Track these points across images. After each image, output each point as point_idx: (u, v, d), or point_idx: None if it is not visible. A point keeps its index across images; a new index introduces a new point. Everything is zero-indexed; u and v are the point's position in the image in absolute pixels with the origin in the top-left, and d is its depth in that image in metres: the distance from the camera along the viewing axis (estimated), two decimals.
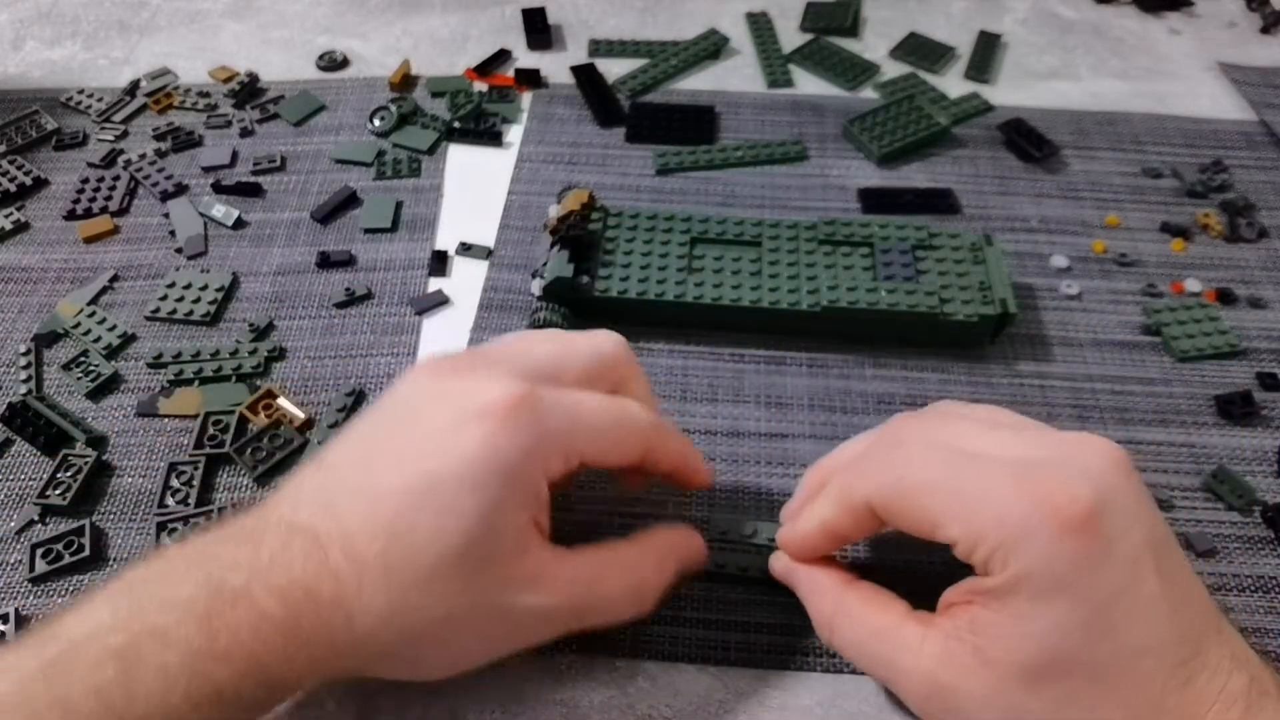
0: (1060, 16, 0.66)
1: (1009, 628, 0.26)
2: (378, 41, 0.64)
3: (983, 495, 0.27)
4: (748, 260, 0.45)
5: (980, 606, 0.27)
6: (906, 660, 0.28)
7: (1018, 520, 0.26)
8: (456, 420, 0.28)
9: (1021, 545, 0.26)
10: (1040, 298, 0.47)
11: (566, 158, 0.55)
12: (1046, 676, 0.26)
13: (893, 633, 0.29)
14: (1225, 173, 0.53)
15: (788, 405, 0.42)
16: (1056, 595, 0.26)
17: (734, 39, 0.64)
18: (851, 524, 0.30)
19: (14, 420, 0.41)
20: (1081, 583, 0.25)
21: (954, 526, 0.27)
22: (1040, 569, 0.26)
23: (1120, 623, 0.26)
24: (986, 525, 0.26)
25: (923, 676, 0.28)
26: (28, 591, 0.36)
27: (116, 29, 0.65)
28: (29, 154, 0.55)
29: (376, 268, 0.49)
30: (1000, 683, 0.26)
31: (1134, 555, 0.26)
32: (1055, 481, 0.26)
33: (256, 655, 0.26)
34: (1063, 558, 0.25)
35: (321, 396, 0.43)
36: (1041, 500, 0.26)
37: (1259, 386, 0.43)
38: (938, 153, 0.55)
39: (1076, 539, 0.25)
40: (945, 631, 0.28)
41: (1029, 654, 0.26)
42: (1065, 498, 0.26)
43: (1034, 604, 0.26)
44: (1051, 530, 0.25)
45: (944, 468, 0.28)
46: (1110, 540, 0.26)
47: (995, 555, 0.26)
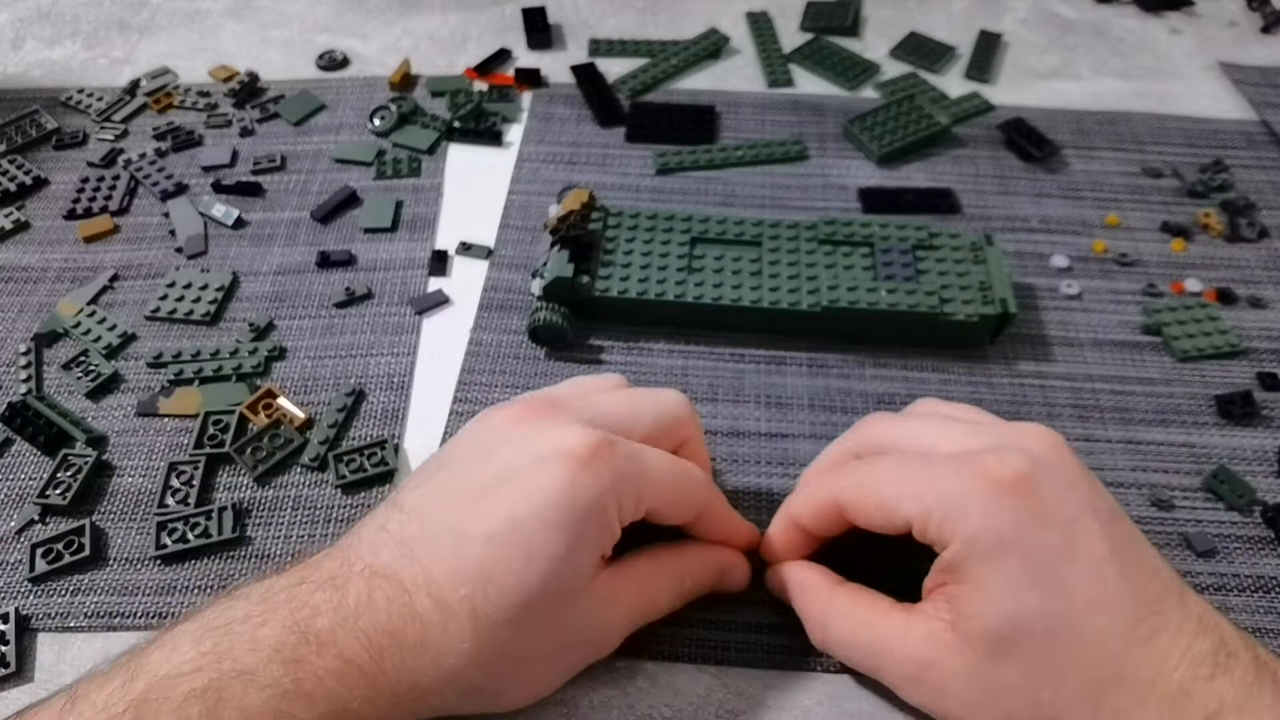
0: (1061, 16, 0.66)
1: (970, 595, 0.28)
2: (378, 41, 0.63)
3: (929, 478, 0.30)
4: (748, 260, 0.45)
5: (950, 584, 0.29)
6: (894, 646, 0.30)
7: (958, 490, 0.28)
8: (537, 463, 0.29)
9: (963, 510, 0.28)
10: (1040, 298, 0.47)
11: (566, 157, 0.55)
12: (1010, 640, 0.27)
13: (880, 622, 0.31)
14: (1226, 172, 0.53)
15: (788, 405, 0.42)
16: (1001, 554, 0.28)
17: (734, 38, 0.64)
18: (821, 522, 0.33)
19: (14, 420, 0.41)
20: (1023, 539, 0.27)
21: (907, 508, 0.29)
22: (983, 528, 0.28)
23: (1068, 579, 0.27)
24: (932, 501, 0.29)
25: (910, 660, 0.30)
26: (28, 591, 0.36)
27: (116, 28, 0.65)
28: (29, 153, 0.55)
29: (376, 267, 0.49)
30: (977, 656, 0.28)
31: (1073, 516, 0.28)
32: (993, 455, 0.29)
33: (340, 698, 0.27)
34: (1000, 516, 0.28)
35: (321, 396, 0.43)
36: (977, 470, 0.28)
37: (1259, 386, 0.43)
38: (938, 152, 0.55)
39: (1011, 497, 0.28)
40: (926, 614, 0.30)
41: (990, 617, 0.28)
42: (998, 465, 0.28)
43: (984, 567, 0.28)
44: (988, 492, 0.28)
45: (896, 464, 0.31)
46: (1046, 502, 0.28)
47: (944, 527, 0.28)
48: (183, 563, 0.37)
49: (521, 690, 0.31)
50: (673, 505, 0.32)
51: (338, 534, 0.37)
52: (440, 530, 0.29)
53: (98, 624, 0.35)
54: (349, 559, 0.29)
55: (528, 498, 0.29)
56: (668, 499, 0.32)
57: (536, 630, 0.29)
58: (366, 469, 0.40)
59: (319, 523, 0.38)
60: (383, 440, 0.40)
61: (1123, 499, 0.39)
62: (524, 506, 0.29)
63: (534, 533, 0.28)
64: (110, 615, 0.35)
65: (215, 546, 0.37)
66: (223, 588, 0.36)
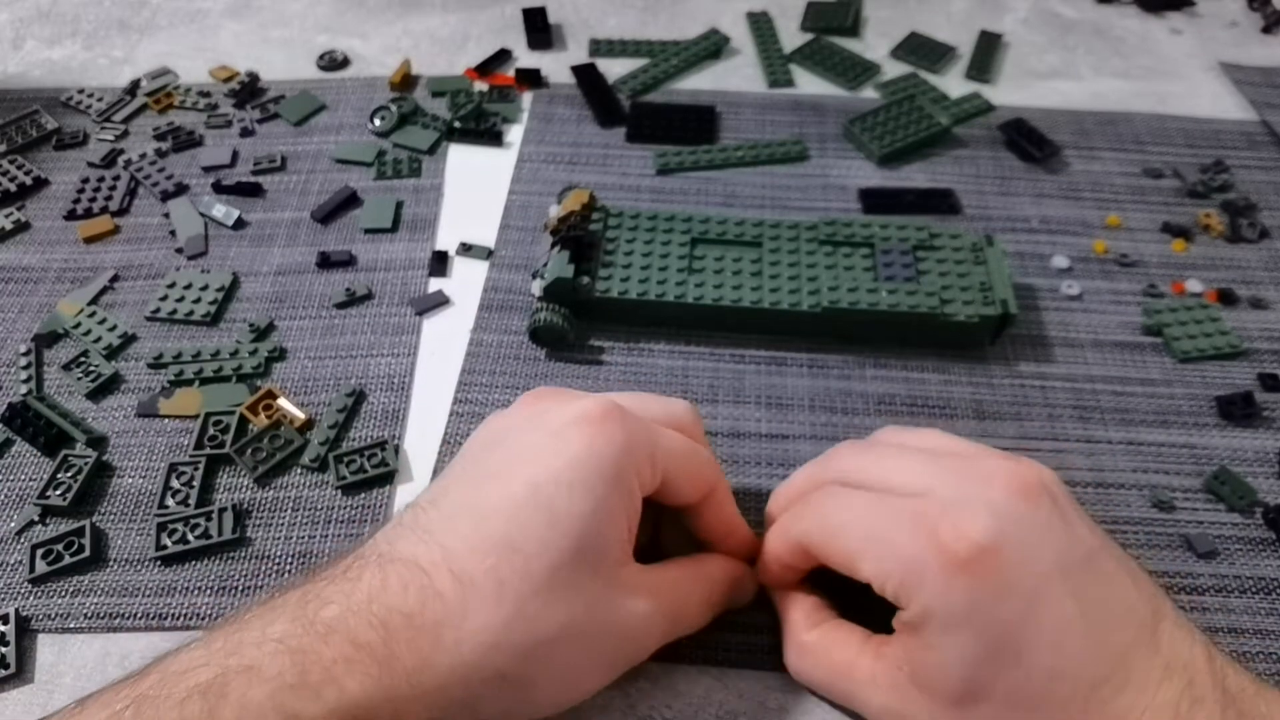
0: (1061, 16, 0.66)
1: (928, 657, 0.28)
2: (378, 41, 0.63)
3: (886, 536, 0.28)
4: (748, 261, 0.45)
5: (908, 637, 0.29)
6: (867, 694, 0.30)
7: (913, 559, 0.27)
8: (553, 431, 0.29)
9: (919, 583, 0.27)
10: (1041, 298, 0.47)
11: (567, 158, 0.55)
12: (967, 701, 0.27)
13: (850, 668, 0.30)
14: (1226, 173, 0.53)
15: (788, 406, 0.42)
16: (957, 629, 0.27)
17: (734, 39, 0.64)
18: (793, 559, 0.32)
19: (14, 420, 0.41)
20: (978, 616, 0.26)
21: (866, 567, 0.29)
22: (935, 605, 0.27)
23: (1026, 650, 0.26)
24: (890, 565, 0.28)
25: (882, 709, 0.30)
26: (28, 592, 0.36)
27: (116, 28, 0.65)
28: (29, 154, 0.55)
29: (377, 268, 0.49)
30: (938, 708, 0.28)
31: (1036, 584, 0.26)
32: (947, 521, 0.27)
33: (349, 691, 0.25)
34: (954, 594, 0.26)
35: (322, 397, 0.43)
36: (932, 540, 0.27)
37: (1260, 387, 0.43)
38: (938, 153, 0.55)
39: (966, 575, 0.26)
40: (889, 662, 0.29)
41: (949, 682, 0.27)
42: (953, 536, 0.27)
43: (940, 637, 0.27)
44: (942, 569, 0.27)
45: (856, 510, 0.30)
46: (1007, 571, 0.26)
47: (901, 592, 0.28)
48: (183, 564, 0.37)
49: (554, 686, 0.28)
50: (686, 477, 0.31)
51: (338, 534, 0.38)
52: (457, 509, 0.28)
53: (98, 625, 0.35)
54: (363, 552, 0.28)
55: (548, 462, 0.28)
56: (680, 469, 0.31)
57: (568, 604, 0.27)
58: (367, 470, 0.39)
59: (319, 523, 0.38)
60: (383, 441, 0.40)
61: (1123, 500, 0.39)
62: (544, 470, 0.28)
63: (557, 495, 0.27)
64: (110, 616, 0.35)
65: (215, 547, 0.37)
66: (223, 589, 0.36)
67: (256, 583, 0.36)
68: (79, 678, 0.34)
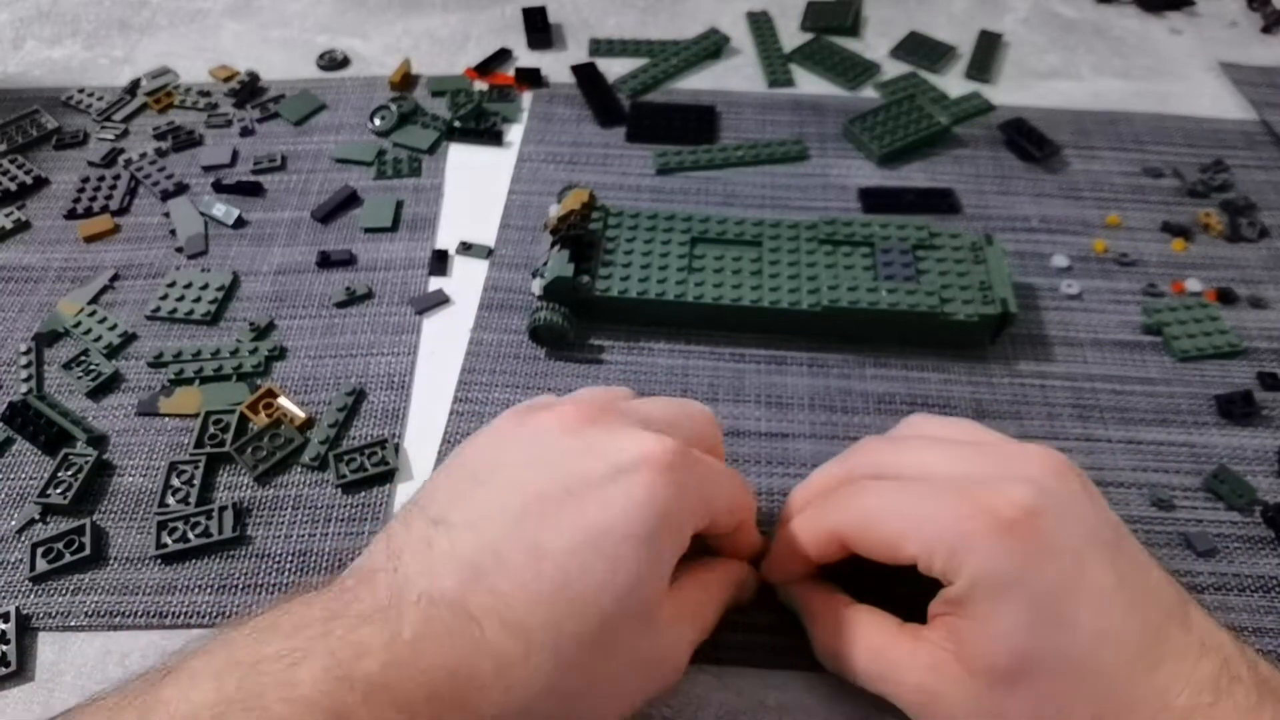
0: (1061, 16, 0.66)
1: (976, 631, 0.28)
2: (378, 41, 0.64)
3: (930, 513, 0.29)
4: (748, 260, 0.45)
5: (952, 616, 0.29)
6: (902, 676, 0.30)
7: (961, 529, 0.28)
8: (616, 472, 0.28)
9: (967, 551, 0.27)
10: (1041, 297, 0.47)
11: (567, 157, 0.55)
12: (1017, 674, 0.27)
13: (888, 651, 0.30)
14: (1226, 172, 0.53)
15: (788, 405, 0.42)
16: (1006, 592, 0.27)
17: (734, 38, 0.64)
18: (824, 552, 0.32)
19: (14, 419, 0.41)
20: (1027, 578, 0.27)
21: (910, 545, 0.29)
22: (987, 569, 0.27)
23: (1072, 614, 0.27)
24: (935, 539, 0.28)
25: (916, 688, 0.29)
26: (28, 590, 0.36)
27: (117, 28, 0.65)
28: (29, 153, 0.55)
29: (377, 267, 0.49)
30: (981, 687, 0.28)
31: (1077, 550, 0.27)
32: (992, 489, 0.28)
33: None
34: (1004, 556, 0.27)
35: (322, 396, 0.43)
36: (980, 508, 0.28)
37: (1260, 386, 0.43)
38: (938, 152, 0.55)
39: (1014, 537, 0.27)
40: (931, 643, 0.29)
41: (996, 655, 0.27)
42: (1001, 502, 0.28)
43: (990, 605, 0.27)
44: (990, 532, 0.27)
45: (896, 495, 0.30)
46: (1051, 536, 0.27)
47: (949, 564, 0.28)
48: (183, 562, 0.37)
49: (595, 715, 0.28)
50: (729, 514, 0.31)
51: (338, 532, 0.38)
52: (508, 547, 0.26)
53: (98, 623, 0.35)
54: (400, 587, 0.26)
55: (609, 509, 0.27)
56: (725, 508, 0.31)
57: (621, 651, 0.27)
58: (367, 468, 0.40)
59: (319, 522, 0.38)
60: (383, 440, 0.40)
61: (1123, 499, 0.39)
62: (606, 518, 0.27)
63: (621, 545, 0.26)
64: (111, 614, 0.35)
65: (216, 546, 0.37)
66: (223, 587, 0.36)
67: (257, 581, 0.36)
68: (79, 676, 0.34)
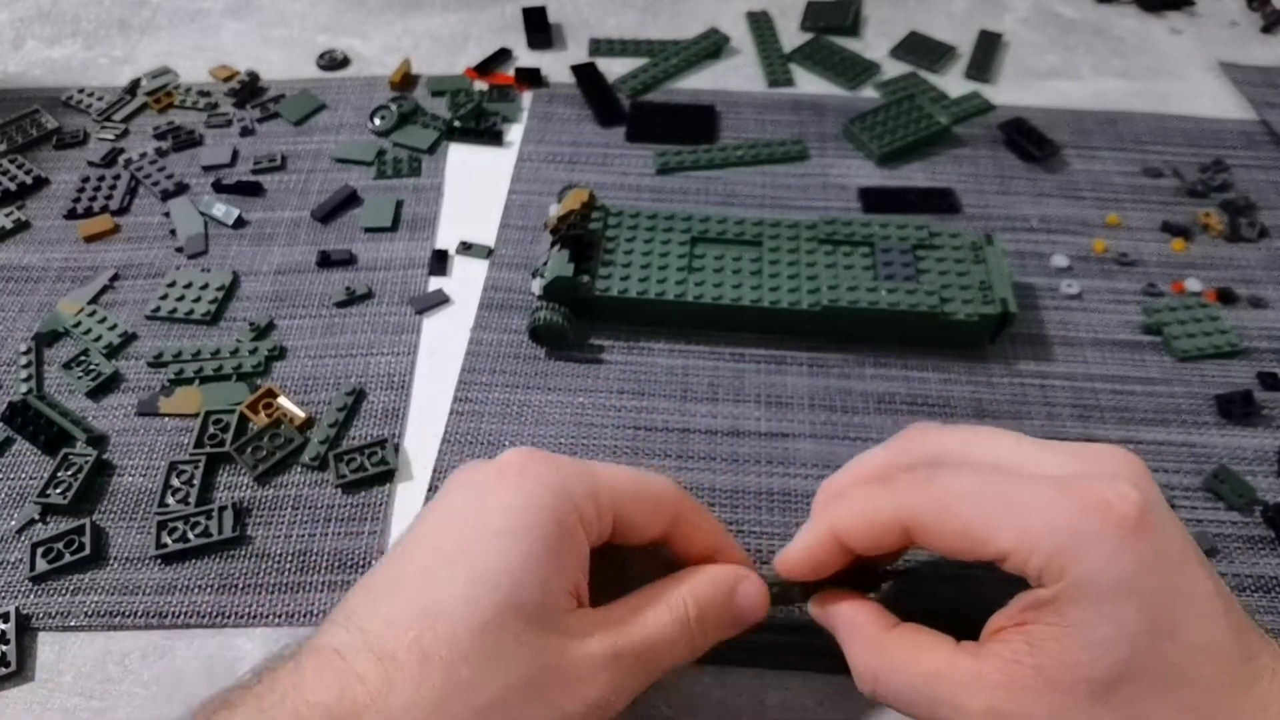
0: (1061, 16, 0.66)
1: (1072, 640, 0.25)
2: (378, 40, 0.64)
3: (1031, 504, 0.26)
4: (748, 260, 0.45)
5: (1037, 624, 0.26)
6: (966, 699, 0.26)
7: (1072, 525, 0.25)
8: (475, 488, 0.27)
9: (1078, 551, 0.25)
10: (1041, 297, 0.47)
11: (567, 157, 0.55)
12: (1114, 687, 0.25)
13: (945, 674, 0.27)
14: (1226, 172, 0.53)
15: (788, 405, 0.42)
16: (1119, 598, 0.25)
17: (734, 38, 0.64)
18: (876, 542, 0.28)
19: (14, 419, 0.41)
20: (1143, 583, 0.25)
21: (1005, 538, 0.26)
22: (1101, 572, 0.25)
23: (1181, 622, 0.25)
24: (1038, 535, 0.25)
25: (986, 713, 0.26)
26: (28, 590, 0.36)
27: (117, 28, 0.65)
28: (29, 153, 0.55)
29: (377, 267, 0.49)
30: (1068, 702, 0.25)
31: (1183, 553, 0.26)
32: (1103, 484, 0.26)
33: None
34: (1121, 560, 0.25)
35: (322, 395, 0.43)
36: (1095, 504, 0.25)
37: (1260, 386, 0.43)
38: (938, 152, 0.55)
39: (1133, 539, 0.25)
40: (1002, 658, 0.26)
41: (1096, 665, 0.25)
42: (1116, 498, 0.25)
43: (1097, 610, 0.25)
44: (1109, 532, 0.25)
45: (988, 482, 0.27)
46: (1162, 540, 0.25)
47: (1051, 563, 0.25)
48: (183, 562, 0.37)
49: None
50: (642, 512, 0.29)
51: (338, 532, 0.38)
52: (377, 586, 0.26)
53: (98, 623, 0.35)
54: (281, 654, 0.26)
55: (468, 520, 0.26)
56: (631, 503, 0.29)
57: (507, 663, 0.24)
58: (367, 468, 0.40)
59: (319, 522, 0.38)
60: (383, 439, 0.40)
61: None
62: (462, 530, 0.26)
63: (482, 549, 0.25)
64: (111, 614, 0.35)
65: (216, 546, 0.37)
66: (223, 587, 0.36)
67: (257, 581, 0.36)
68: (79, 676, 0.34)
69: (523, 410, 0.42)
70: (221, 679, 0.33)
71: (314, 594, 0.36)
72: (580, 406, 0.42)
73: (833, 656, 0.34)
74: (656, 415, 0.42)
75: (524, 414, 0.42)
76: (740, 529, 0.38)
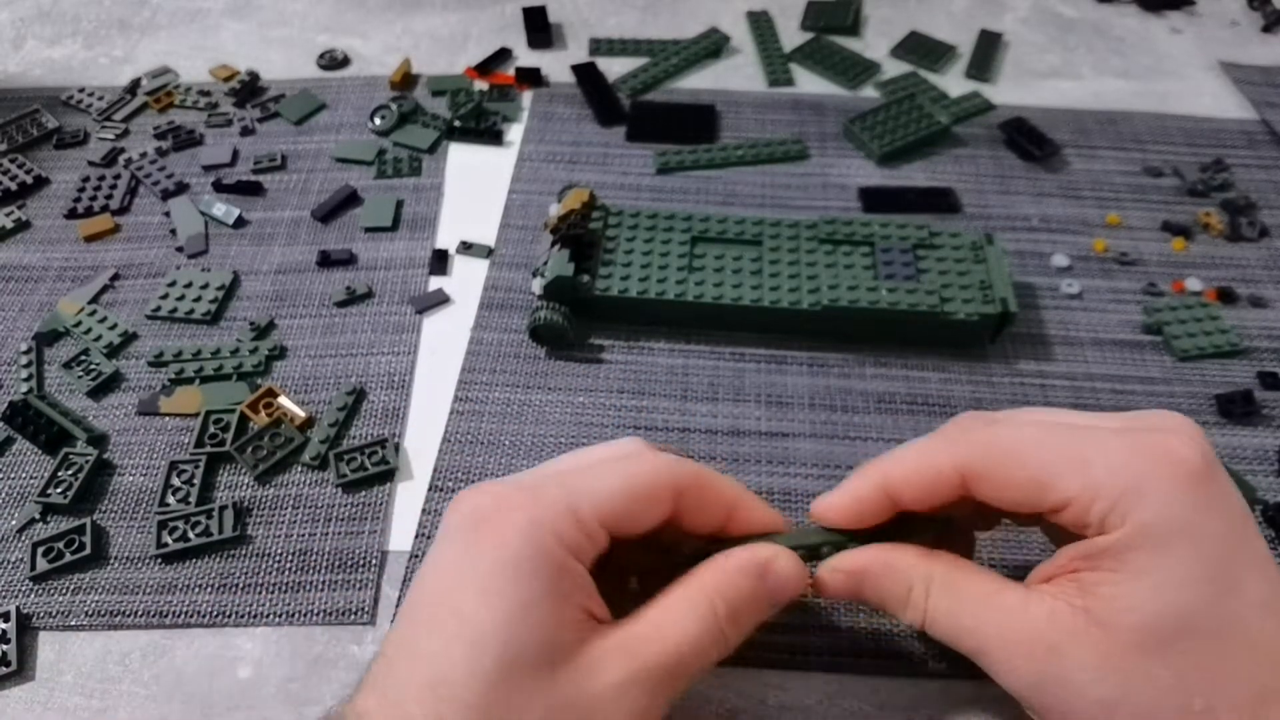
0: (1061, 15, 0.66)
1: (1128, 586, 0.25)
2: (378, 40, 0.64)
3: (1096, 450, 0.26)
4: (748, 259, 0.45)
5: (1090, 570, 0.26)
6: (1009, 625, 0.26)
7: (1137, 471, 0.25)
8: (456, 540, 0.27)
9: (1144, 494, 0.25)
10: (1041, 297, 0.47)
11: (567, 156, 0.55)
12: (1169, 638, 0.24)
13: (992, 598, 0.27)
14: (1226, 172, 0.53)
15: (788, 404, 0.42)
16: (1180, 544, 0.24)
17: (735, 38, 0.64)
18: (928, 491, 0.28)
19: (15, 419, 0.41)
20: (1205, 531, 0.25)
21: (1068, 482, 0.26)
22: (1164, 517, 0.25)
23: (1243, 577, 0.24)
24: (1103, 479, 0.25)
25: (1030, 642, 0.26)
26: (29, 590, 0.36)
27: (117, 28, 0.65)
28: (30, 153, 0.55)
29: (377, 266, 0.49)
30: (1117, 648, 0.25)
31: (1243, 510, 0.26)
32: (1167, 433, 0.26)
33: None
34: (1186, 505, 0.25)
35: (322, 395, 0.43)
36: (1159, 452, 0.25)
37: (1260, 386, 0.43)
38: (938, 152, 0.55)
39: (1198, 486, 0.25)
40: (1051, 594, 0.26)
41: (1151, 612, 0.24)
42: (1180, 445, 0.25)
43: (1157, 556, 0.25)
44: (1174, 478, 0.25)
45: (1050, 430, 0.27)
46: (1224, 493, 0.25)
47: (1115, 509, 0.25)
48: (183, 561, 0.37)
49: None
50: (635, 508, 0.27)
51: (338, 532, 0.38)
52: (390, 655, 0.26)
53: (99, 623, 0.35)
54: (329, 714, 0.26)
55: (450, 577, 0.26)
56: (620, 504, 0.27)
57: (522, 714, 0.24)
58: (367, 468, 0.40)
59: (320, 521, 0.38)
60: (383, 439, 0.40)
61: None
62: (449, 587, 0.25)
63: (469, 610, 0.25)
64: (111, 614, 0.35)
65: (216, 545, 0.37)
66: (223, 586, 0.36)
67: (257, 580, 0.36)
68: (80, 675, 0.34)
69: (523, 410, 0.42)
70: (221, 678, 0.34)
71: (314, 594, 0.36)
72: (580, 406, 0.42)
73: (833, 656, 0.34)
74: (656, 415, 0.42)
75: (524, 413, 0.42)
76: None
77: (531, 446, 0.41)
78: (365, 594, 0.36)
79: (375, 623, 0.35)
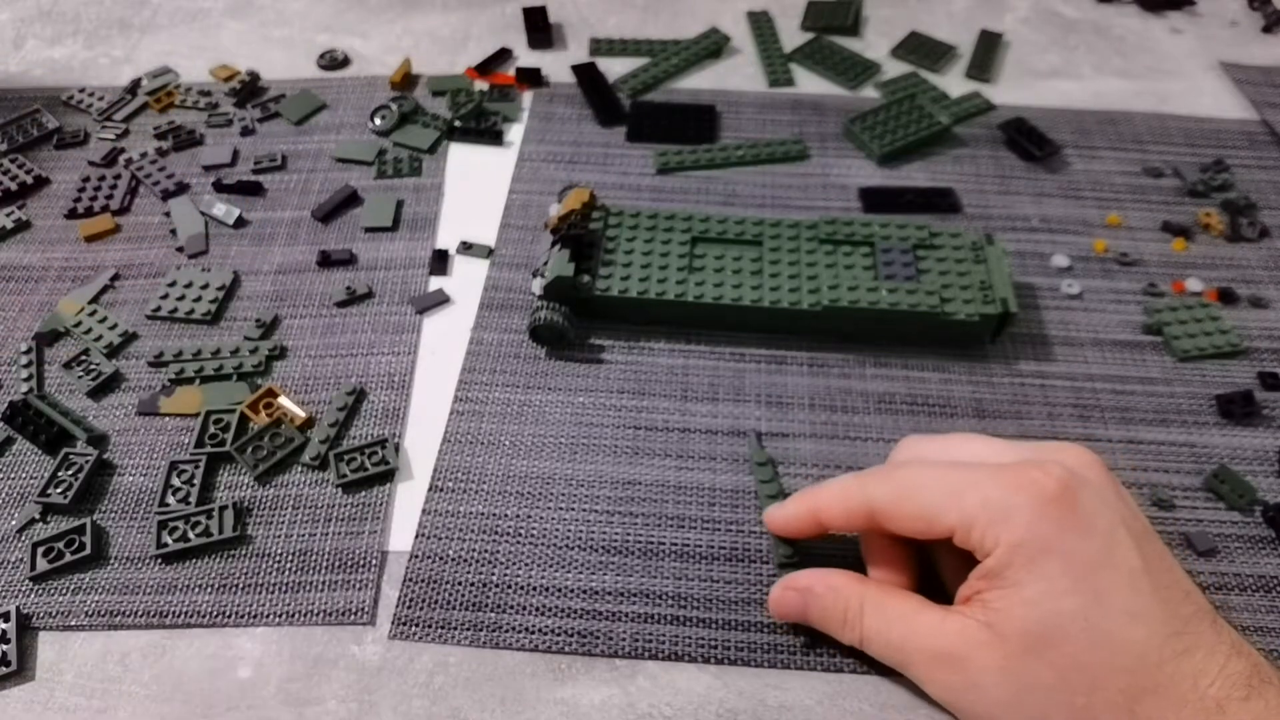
0: (1062, 15, 0.66)
1: (1010, 599, 0.29)
2: (378, 40, 0.64)
3: (970, 486, 0.30)
4: (748, 259, 0.45)
5: (989, 589, 0.29)
6: (927, 640, 0.30)
7: (1002, 499, 0.29)
8: None
9: (1010, 519, 0.29)
10: (1041, 297, 0.47)
11: (567, 157, 0.55)
12: (1047, 643, 0.28)
13: (914, 617, 0.31)
14: (1227, 172, 0.53)
15: (788, 404, 0.42)
16: (1047, 560, 0.28)
17: (735, 38, 0.64)
18: (848, 523, 0.33)
19: (15, 419, 0.41)
20: (1065, 546, 0.28)
21: (950, 515, 0.30)
22: (1030, 537, 0.28)
23: (1107, 589, 0.28)
24: (978, 508, 0.29)
25: (943, 653, 0.30)
26: (29, 590, 0.36)
27: (117, 27, 0.65)
28: (30, 153, 0.55)
29: (377, 266, 0.49)
30: (1011, 654, 0.28)
31: (1110, 530, 0.29)
32: (1034, 466, 0.30)
33: None
34: (1046, 523, 0.29)
35: (322, 395, 0.43)
36: (1023, 482, 0.29)
37: (1260, 386, 0.43)
38: (939, 152, 0.55)
39: (1055, 507, 0.29)
40: (961, 614, 0.30)
41: (1030, 619, 0.28)
42: (1041, 475, 0.29)
43: (1027, 571, 0.28)
44: (1032, 501, 0.29)
45: (937, 470, 0.32)
46: (1087, 513, 0.29)
47: (988, 534, 0.29)
48: (184, 561, 0.37)
49: None
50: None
51: (338, 532, 0.38)
52: None
53: (99, 623, 0.35)
54: None
55: None
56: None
57: None
58: (367, 468, 0.40)
59: (320, 521, 0.38)
60: (384, 439, 0.40)
61: None
62: None
63: None
64: (111, 614, 0.35)
65: (216, 545, 0.37)
66: (223, 586, 0.36)
67: (257, 580, 0.36)
68: (80, 675, 0.34)
69: (523, 410, 0.42)
70: (221, 679, 0.34)
71: (314, 594, 0.36)
72: (580, 406, 0.42)
73: (833, 656, 0.34)
74: (656, 415, 0.42)
75: (524, 414, 0.42)
76: (740, 529, 0.38)
77: (531, 446, 0.41)
78: (365, 594, 0.36)
79: (375, 623, 0.35)
